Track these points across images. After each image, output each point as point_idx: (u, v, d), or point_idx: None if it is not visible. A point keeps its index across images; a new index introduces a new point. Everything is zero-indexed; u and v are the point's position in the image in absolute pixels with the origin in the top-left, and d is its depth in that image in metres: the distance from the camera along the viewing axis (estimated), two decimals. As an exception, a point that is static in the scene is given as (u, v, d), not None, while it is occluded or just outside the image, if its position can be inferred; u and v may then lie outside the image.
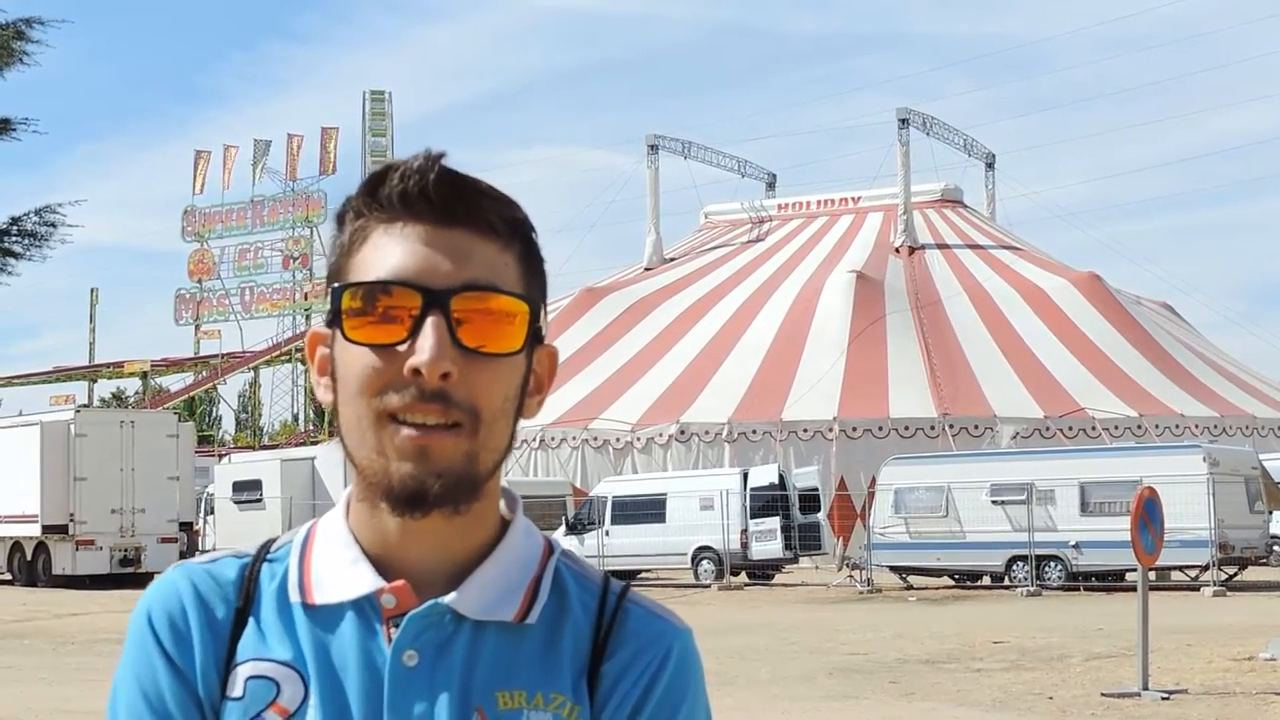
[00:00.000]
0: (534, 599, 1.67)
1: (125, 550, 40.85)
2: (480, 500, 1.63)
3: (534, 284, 1.64)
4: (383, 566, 1.64)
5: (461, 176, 1.60)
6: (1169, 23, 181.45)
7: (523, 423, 1.64)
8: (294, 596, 1.66)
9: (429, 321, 1.55)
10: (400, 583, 1.61)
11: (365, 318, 1.57)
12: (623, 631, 1.70)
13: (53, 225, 26.91)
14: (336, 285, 1.61)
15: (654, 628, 1.71)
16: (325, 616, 1.64)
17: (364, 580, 1.63)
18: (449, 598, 1.62)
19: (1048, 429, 48.78)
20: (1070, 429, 48.78)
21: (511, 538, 1.69)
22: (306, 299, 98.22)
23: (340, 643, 1.62)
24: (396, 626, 1.61)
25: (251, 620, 1.66)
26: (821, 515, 40.34)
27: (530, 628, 1.66)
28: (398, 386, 1.56)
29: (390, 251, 1.59)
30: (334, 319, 1.61)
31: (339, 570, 1.65)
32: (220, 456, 58.98)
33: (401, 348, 1.56)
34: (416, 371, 1.54)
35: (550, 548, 1.73)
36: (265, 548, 1.74)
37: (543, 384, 1.68)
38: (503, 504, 1.70)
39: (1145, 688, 16.11)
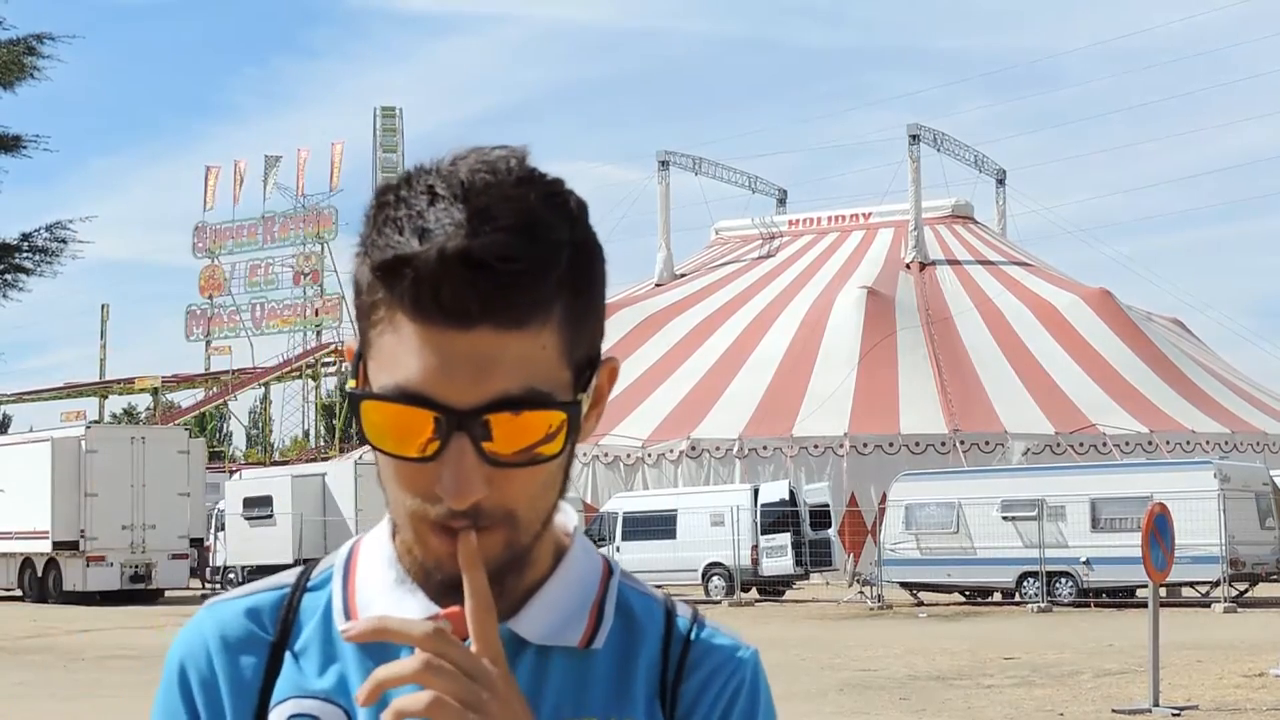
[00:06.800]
0: (599, 623, 1.60)
1: (136, 566, 40.89)
2: (531, 565, 1.56)
3: (583, 324, 1.49)
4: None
5: (485, 265, 1.40)
6: (1181, 39, 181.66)
7: None
8: (340, 623, 1.57)
9: (453, 445, 1.42)
10: (458, 609, 1.47)
11: (388, 430, 1.44)
12: (697, 651, 1.63)
13: (63, 241, 27.02)
14: (353, 392, 1.47)
15: (728, 648, 1.65)
16: (376, 645, 1.51)
17: (418, 606, 1.53)
18: (510, 622, 1.54)
19: (1059, 445, 48.76)
20: (1081, 445, 48.75)
21: (571, 559, 1.61)
22: (317, 315, 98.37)
23: None
24: None
25: (289, 655, 1.59)
26: (832, 531, 40.34)
27: (596, 653, 1.58)
28: (427, 496, 1.45)
29: (409, 353, 1.42)
30: (355, 412, 1.47)
31: (389, 595, 1.56)
32: (231, 472, 59.00)
33: (429, 464, 1.44)
34: None
35: (609, 567, 1.66)
36: (305, 575, 1.65)
37: (602, 397, 1.55)
38: (560, 519, 1.60)
39: (1156, 704, 16.10)
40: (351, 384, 1.50)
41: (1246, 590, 34.86)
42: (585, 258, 1.48)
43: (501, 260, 1.40)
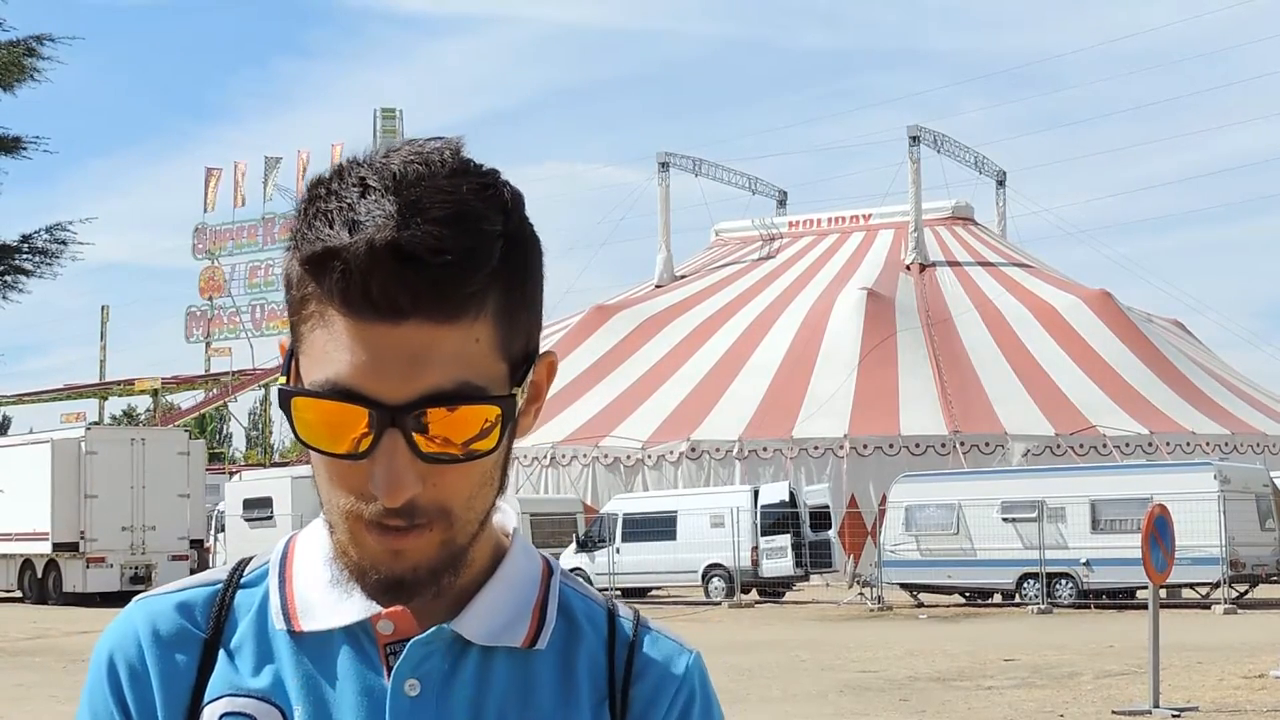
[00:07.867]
0: (541, 623, 1.58)
1: (136, 568, 40.86)
2: (468, 565, 1.53)
3: (518, 317, 1.47)
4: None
5: (415, 258, 1.38)
6: (1181, 39, 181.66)
7: (533, 440, 1.54)
8: (278, 624, 1.55)
9: (385, 442, 1.41)
10: (399, 608, 1.49)
11: (320, 427, 1.44)
12: (644, 655, 1.62)
13: (63, 243, 27.10)
14: (284, 389, 1.47)
15: (673, 651, 1.64)
16: (313, 644, 1.53)
17: (356, 605, 1.52)
18: (453, 623, 1.52)
19: (1059, 446, 48.73)
20: (1081, 446, 48.71)
21: (511, 559, 1.60)
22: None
23: (331, 672, 1.52)
24: (394, 654, 1.51)
25: (223, 652, 1.56)
26: (832, 533, 40.33)
27: (540, 654, 1.57)
28: (361, 494, 1.45)
29: (340, 348, 1.42)
30: (287, 410, 1.47)
31: (327, 594, 1.54)
32: (231, 474, 58.94)
33: (362, 461, 1.43)
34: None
35: (549, 567, 1.64)
36: (239, 570, 1.62)
37: (540, 392, 1.54)
38: (499, 519, 1.59)
39: (1156, 705, 16.09)
40: (282, 380, 1.49)
41: (1246, 592, 34.87)
42: (519, 250, 1.47)
43: (432, 253, 1.38)
